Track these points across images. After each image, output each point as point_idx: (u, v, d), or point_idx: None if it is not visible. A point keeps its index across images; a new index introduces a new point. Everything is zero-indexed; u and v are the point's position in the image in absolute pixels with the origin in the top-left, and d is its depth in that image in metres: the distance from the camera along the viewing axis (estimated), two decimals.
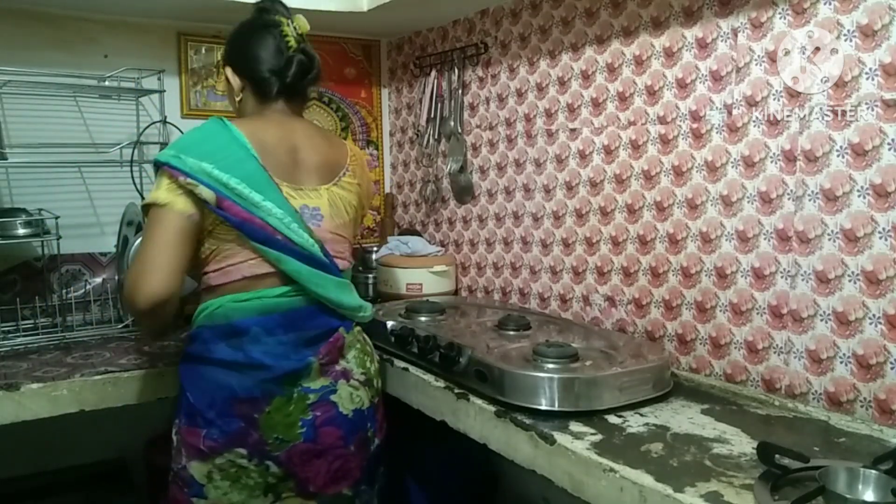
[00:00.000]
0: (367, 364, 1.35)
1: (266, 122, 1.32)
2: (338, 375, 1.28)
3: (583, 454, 1.06)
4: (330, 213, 1.31)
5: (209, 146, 1.22)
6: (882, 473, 0.93)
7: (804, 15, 1.25)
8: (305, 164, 1.31)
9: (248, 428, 1.20)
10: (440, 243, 2.26)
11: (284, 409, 1.22)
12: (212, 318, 1.24)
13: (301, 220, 1.25)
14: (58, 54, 1.93)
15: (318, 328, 1.27)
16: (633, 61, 1.57)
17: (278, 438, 1.21)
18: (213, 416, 1.20)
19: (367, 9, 1.97)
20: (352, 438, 1.27)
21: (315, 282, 1.25)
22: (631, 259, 1.61)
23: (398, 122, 2.46)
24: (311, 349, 1.25)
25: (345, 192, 1.35)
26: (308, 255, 1.24)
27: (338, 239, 1.33)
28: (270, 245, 1.22)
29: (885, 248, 1.16)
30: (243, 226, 1.20)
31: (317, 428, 1.23)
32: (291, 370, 1.23)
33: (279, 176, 1.26)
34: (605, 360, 1.32)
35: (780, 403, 1.27)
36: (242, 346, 1.22)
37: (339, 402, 1.26)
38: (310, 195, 1.29)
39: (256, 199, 1.21)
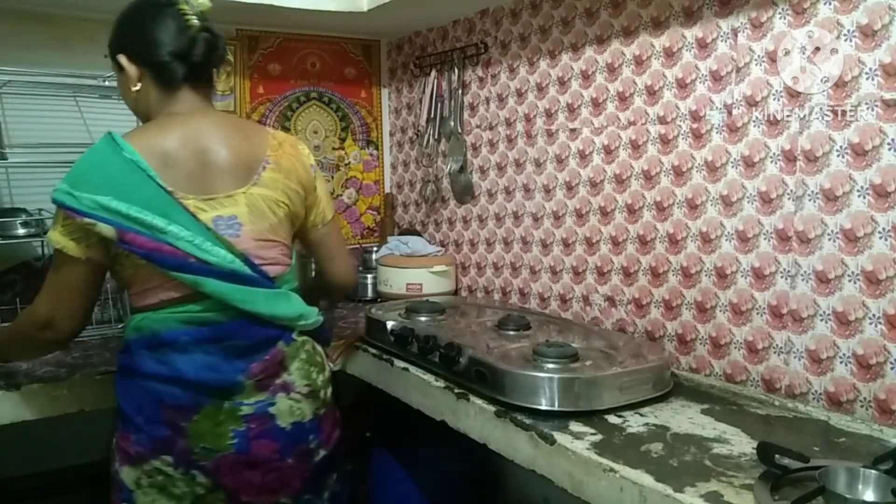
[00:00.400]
0: (313, 375, 1.26)
1: (167, 124, 1.20)
2: (277, 389, 1.21)
3: (583, 454, 1.06)
4: (250, 218, 1.19)
5: (102, 173, 1.13)
6: (882, 473, 0.93)
7: (804, 15, 1.25)
8: (217, 167, 1.18)
9: (175, 436, 1.15)
10: (440, 243, 2.26)
11: (213, 418, 1.16)
12: (139, 331, 1.18)
13: (214, 236, 1.15)
14: (58, 54, 1.93)
15: (251, 339, 1.19)
16: (633, 61, 1.57)
17: (206, 448, 1.15)
18: (141, 421, 1.16)
19: (367, 9, 1.97)
20: (290, 451, 1.21)
21: (241, 298, 1.17)
22: (631, 259, 1.61)
23: (398, 122, 2.46)
24: (244, 360, 1.18)
25: (267, 190, 1.22)
26: (228, 272, 1.15)
27: (266, 245, 1.21)
28: (184, 270, 1.13)
29: (885, 248, 1.16)
30: (151, 256, 1.12)
31: (250, 440, 1.17)
32: (220, 385, 1.16)
33: (185, 189, 1.15)
34: (605, 360, 1.32)
35: (780, 403, 1.27)
36: (168, 359, 1.16)
37: (277, 414, 1.20)
38: (223, 203, 1.18)
39: (161, 225, 1.12)
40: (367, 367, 1.66)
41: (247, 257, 1.18)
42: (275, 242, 1.23)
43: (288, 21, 2.17)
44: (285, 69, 2.30)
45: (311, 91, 2.35)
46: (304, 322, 1.25)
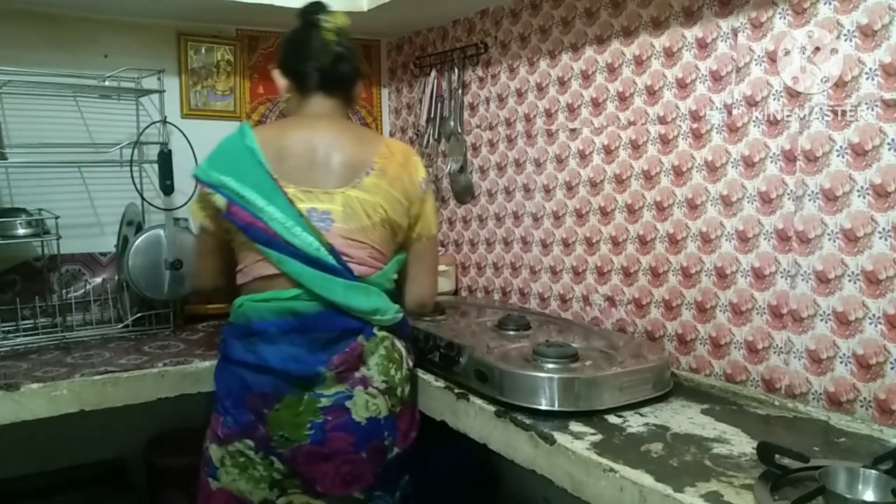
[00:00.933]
0: (391, 372, 1.30)
1: (292, 124, 1.37)
2: (356, 382, 1.26)
3: (583, 454, 1.06)
4: (343, 216, 1.28)
5: (228, 158, 1.31)
6: (882, 473, 0.93)
7: (804, 15, 1.25)
8: (323, 165, 1.30)
9: (257, 422, 1.23)
10: (440, 243, 2.26)
11: (294, 408, 1.23)
12: (235, 317, 1.31)
13: (305, 224, 1.25)
14: (58, 54, 1.93)
15: (334, 331, 1.26)
16: (633, 61, 1.57)
17: (283, 436, 1.22)
18: (230, 405, 1.26)
19: (367, 9, 1.97)
20: (364, 445, 1.26)
21: (319, 284, 1.25)
22: (631, 259, 1.61)
23: (398, 122, 2.46)
24: (326, 352, 1.25)
25: (366, 194, 1.29)
26: (311, 258, 1.24)
27: (353, 244, 1.28)
28: (272, 247, 1.25)
29: (885, 248, 1.16)
30: (248, 229, 1.26)
31: (326, 432, 1.23)
32: (303, 375, 1.23)
33: (290, 179, 1.27)
34: (605, 360, 1.32)
35: (780, 403, 1.27)
36: (256, 348, 1.25)
37: (353, 408, 1.25)
38: (321, 198, 1.28)
39: (261, 205, 1.25)
40: None
41: (334, 248, 1.26)
42: (363, 244, 1.29)
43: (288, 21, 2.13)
44: None
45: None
46: (381, 317, 1.29)
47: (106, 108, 1.99)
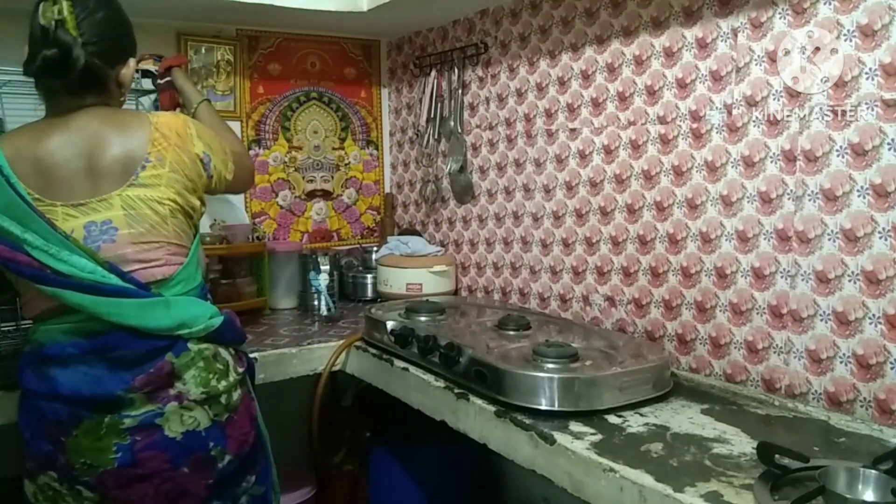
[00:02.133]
0: (212, 382, 1.19)
1: (46, 127, 1.18)
2: (169, 399, 1.15)
3: (583, 454, 1.06)
4: (127, 221, 1.15)
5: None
6: (882, 473, 0.93)
7: (804, 15, 1.25)
8: (90, 170, 1.15)
9: (56, 451, 1.13)
10: (440, 243, 2.26)
11: (94, 433, 1.12)
12: (30, 344, 1.19)
13: (74, 246, 1.11)
14: None
15: (136, 350, 1.14)
16: (633, 61, 1.57)
17: (86, 463, 1.12)
18: (28, 436, 1.16)
19: (367, 9, 1.97)
20: (183, 460, 1.16)
21: (106, 311, 1.12)
22: (631, 259, 1.61)
23: (398, 122, 2.46)
24: (131, 372, 1.13)
25: (147, 189, 1.17)
26: (89, 285, 1.10)
27: (146, 247, 1.16)
28: (41, 282, 1.10)
29: (884, 247, 1.16)
30: (8, 265, 1.10)
31: (136, 452, 1.13)
32: (98, 399, 1.12)
33: (55, 195, 1.13)
34: (605, 360, 1.32)
35: (780, 403, 1.27)
36: (49, 374, 1.14)
37: (164, 424, 1.14)
38: (96, 208, 1.14)
39: (17, 232, 1.09)
40: (367, 367, 1.66)
41: (115, 266, 1.13)
42: (158, 243, 1.18)
43: (288, 21, 2.17)
44: (285, 69, 2.30)
45: (310, 91, 2.35)
46: (188, 331, 1.18)
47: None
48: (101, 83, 1.22)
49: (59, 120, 1.18)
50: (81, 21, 1.18)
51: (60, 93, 1.19)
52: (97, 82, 1.21)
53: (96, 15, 1.20)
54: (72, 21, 1.17)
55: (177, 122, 1.26)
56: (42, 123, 1.20)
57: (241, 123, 2.24)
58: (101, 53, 1.20)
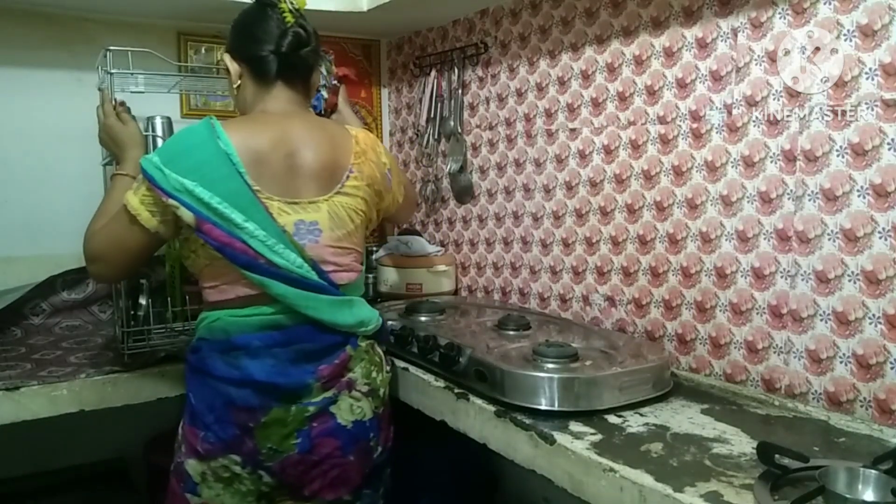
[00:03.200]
0: (373, 374, 1.30)
1: (261, 122, 1.26)
2: (341, 387, 1.25)
3: (583, 454, 1.06)
4: (330, 225, 1.25)
5: (194, 159, 1.16)
6: (882, 473, 0.93)
7: (804, 15, 1.25)
8: (303, 171, 1.24)
9: (244, 436, 1.19)
10: (440, 243, 2.26)
11: (282, 420, 1.20)
12: (211, 332, 1.23)
13: (288, 240, 1.19)
14: (58, 54, 1.93)
15: (319, 343, 1.24)
16: (633, 61, 1.57)
17: (272, 449, 1.20)
18: (211, 420, 1.20)
19: (367, 9, 1.97)
20: (351, 448, 1.25)
21: (304, 304, 1.20)
22: (631, 259, 1.61)
23: (398, 122, 2.46)
24: (312, 364, 1.22)
25: (348, 198, 1.28)
26: (296, 277, 1.19)
27: (340, 251, 1.27)
28: (253, 269, 1.17)
29: (884, 247, 1.16)
30: (224, 250, 1.16)
31: (313, 439, 1.21)
32: (289, 387, 1.20)
33: (271, 190, 1.20)
34: (604, 360, 1.32)
35: (780, 403, 1.27)
36: (239, 363, 1.19)
37: (337, 413, 1.24)
38: (307, 209, 1.23)
39: (238, 220, 1.15)
40: None
41: (316, 264, 1.22)
42: (349, 250, 1.28)
43: None
44: None
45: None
46: (365, 329, 1.29)
47: None
48: (310, 76, 1.34)
49: (272, 118, 1.27)
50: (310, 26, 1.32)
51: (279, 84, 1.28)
52: (311, 73, 1.33)
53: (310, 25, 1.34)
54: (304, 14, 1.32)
55: (371, 139, 1.38)
56: (256, 118, 1.28)
57: None
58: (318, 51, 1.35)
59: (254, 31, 1.28)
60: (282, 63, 1.27)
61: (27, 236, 1.90)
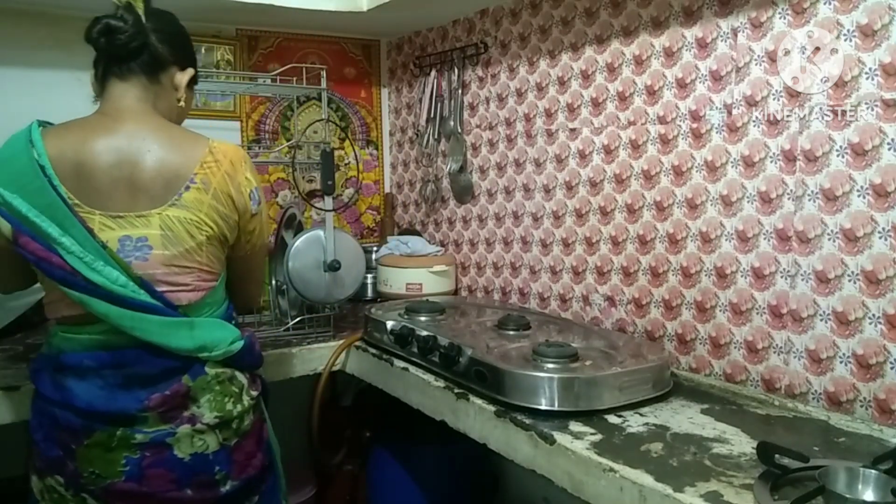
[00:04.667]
0: (227, 406, 1.18)
1: (91, 127, 1.15)
2: (182, 420, 1.14)
3: (583, 454, 1.06)
4: (162, 241, 1.12)
5: (12, 169, 1.09)
6: (882, 473, 0.93)
7: (804, 15, 1.25)
8: (133, 182, 1.12)
9: (66, 457, 1.12)
10: (440, 243, 2.26)
11: (105, 444, 1.11)
12: (49, 347, 1.18)
13: (109, 257, 1.09)
14: (58, 54, 1.93)
15: (152, 368, 1.13)
16: (633, 61, 1.57)
17: (94, 473, 1.11)
18: (40, 437, 1.15)
19: (367, 9, 1.98)
20: (187, 482, 1.14)
21: (129, 325, 1.10)
22: (631, 259, 1.61)
23: (398, 122, 2.46)
24: (146, 390, 1.12)
25: (186, 212, 1.13)
26: (117, 296, 1.09)
27: (177, 270, 1.14)
28: (70, 286, 1.08)
29: (884, 247, 1.16)
30: (40, 264, 1.09)
31: (143, 469, 1.12)
32: (111, 414, 1.11)
33: (94, 203, 1.10)
34: (604, 360, 1.32)
35: (780, 403, 1.27)
36: (65, 383, 1.12)
37: (175, 444, 1.13)
38: (134, 223, 1.11)
39: (54, 234, 1.07)
40: (367, 366, 1.66)
41: (147, 283, 1.12)
42: (189, 269, 1.15)
43: (288, 21, 2.17)
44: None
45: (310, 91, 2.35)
46: (208, 354, 1.16)
47: None
48: (157, 70, 1.19)
49: (106, 120, 1.15)
50: (149, 9, 1.17)
51: (113, 81, 1.16)
52: (153, 66, 1.18)
53: (164, 14, 1.21)
54: (140, 6, 1.15)
55: (236, 154, 1.21)
56: (91, 121, 1.16)
57: (241, 123, 2.24)
58: (165, 42, 1.19)
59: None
60: (100, 54, 1.15)
61: None
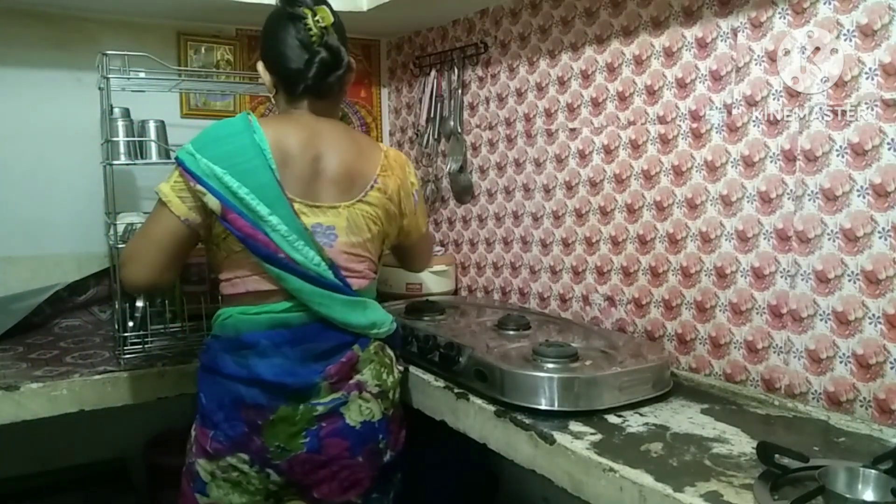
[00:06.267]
0: (384, 376, 1.29)
1: (292, 123, 1.27)
2: (351, 388, 1.25)
3: (582, 454, 1.06)
4: (347, 231, 1.25)
5: (228, 147, 1.19)
6: (882, 473, 0.93)
7: (804, 15, 1.25)
8: (327, 176, 1.24)
9: (252, 434, 1.20)
10: (440, 243, 2.26)
11: (290, 418, 1.20)
12: (222, 329, 1.25)
13: (309, 238, 1.21)
14: (58, 54, 1.93)
15: (328, 343, 1.24)
16: (633, 61, 1.57)
17: (280, 447, 1.20)
18: (221, 418, 1.21)
19: (367, 8, 1.97)
20: (360, 449, 1.25)
21: (318, 301, 1.21)
22: (631, 259, 1.61)
23: (398, 122, 2.46)
24: (320, 364, 1.22)
25: (369, 207, 1.28)
26: (313, 275, 1.20)
27: (354, 258, 1.27)
28: (272, 262, 1.19)
29: (884, 247, 1.16)
30: (246, 241, 1.18)
31: (321, 439, 1.21)
32: (297, 387, 1.20)
33: (294, 191, 1.21)
34: (604, 360, 1.32)
35: (780, 403, 1.27)
36: (248, 361, 1.20)
37: (346, 413, 1.24)
38: (326, 213, 1.24)
39: (262, 213, 1.17)
40: None
41: (334, 264, 1.23)
42: (363, 257, 1.29)
43: None
44: None
45: None
46: (377, 331, 1.29)
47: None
48: (342, 91, 1.34)
49: (303, 120, 1.27)
50: (338, 27, 1.29)
51: (308, 97, 1.28)
52: (335, 90, 1.31)
53: (338, 21, 1.30)
54: (331, 27, 1.27)
55: (401, 158, 1.39)
56: (288, 118, 1.29)
57: None
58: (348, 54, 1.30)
59: (279, 47, 1.27)
60: (306, 88, 1.26)
61: (27, 236, 1.90)
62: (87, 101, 1.83)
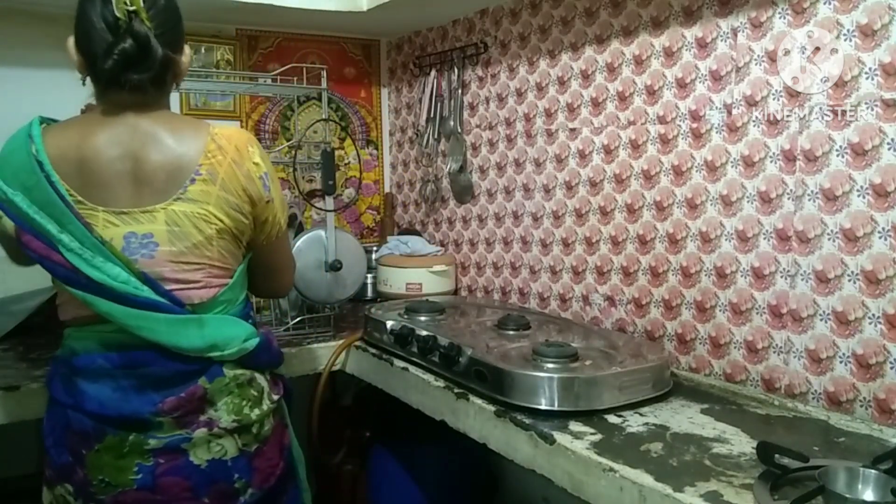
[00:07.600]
0: (245, 410, 1.13)
1: (94, 123, 1.11)
2: (198, 425, 1.10)
3: (582, 454, 1.06)
4: (169, 237, 1.08)
5: (13, 165, 1.07)
6: (882, 473, 0.93)
7: (804, 15, 1.25)
8: (137, 177, 1.08)
9: (75, 464, 1.08)
10: (440, 243, 2.26)
11: (116, 449, 1.07)
12: (62, 350, 1.15)
13: (110, 253, 1.05)
14: (58, 54, 1.92)
15: (166, 370, 1.08)
16: (633, 61, 1.57)
17: (104, 481, 1.07)
18: (50, 444, 1.11)
19: (367, 8, 1.97)
20: (205, 490, 1.10)
21: (135, 324, 1.05)
22: (631, 259, 1.61)
23: (398, 122, 2.46)
24: (159, 393, 1.08)
25: (193, 205, 1.08)
26: (119, 294, 1.04)
27: (185, 267, 1.09)
28: (73, 285, 1.05)
29: (884, 247, 1.16)
30: (43, 262, 1.06)
31: (157, 476, 1.07)
32: (122, 418, 1.07)
33: (98, 199, 1.07)
34: (604, 360, 1.32)
35: (780, 403, 1.27)
36: (77, 386, 1.09)
37: (191, 451, 1.09)
38: (139, 219, 1.07)
39: (53, 231, 1.04)
40: (367, 366, 1.66)
41: (149, 279, 1.07)
42: (199, 265, 1.11)
43: (287, 21, 2.17)
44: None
45: (310, 91, 2.35)
46: (219, 353, 1.11)
47: None
48: (167, 75, 1.15)
49: (108, 116, 1.11)
50: (150, 9, 1.09)
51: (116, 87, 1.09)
52: (165, 75, 1.13)
53: (163, 6, 1.13)
54: (143, 11, 1.08)
55: (240, 137, 1.16)
56: (91, 118, 1.13)
57: (241, 123, 2.24)
58: (169, 43, 1.12)
59: (82, 24, 1.11)
60: (108, 80, 1.08)
61: None
62: (87, 101, 1.82)
